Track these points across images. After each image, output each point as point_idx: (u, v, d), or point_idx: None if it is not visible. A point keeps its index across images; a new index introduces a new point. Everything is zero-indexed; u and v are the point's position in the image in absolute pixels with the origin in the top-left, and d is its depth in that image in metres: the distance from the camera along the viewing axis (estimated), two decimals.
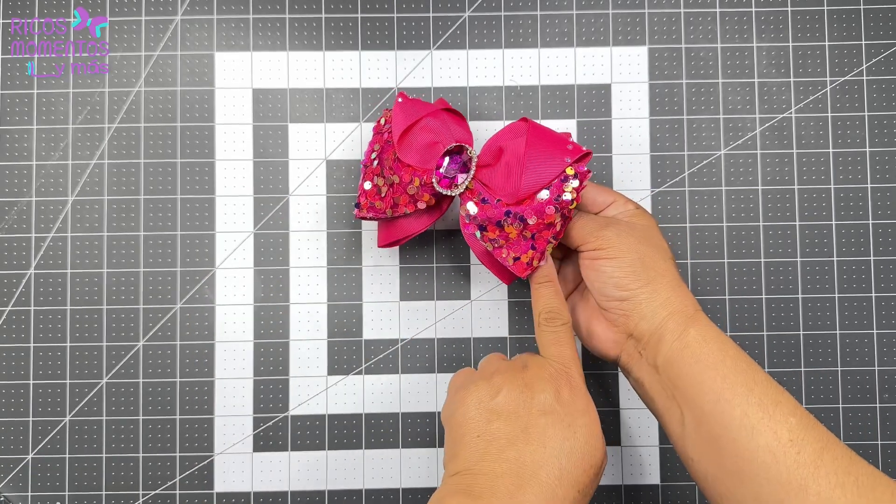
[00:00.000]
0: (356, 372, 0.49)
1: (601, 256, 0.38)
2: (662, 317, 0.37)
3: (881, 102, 0.49)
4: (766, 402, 0.34)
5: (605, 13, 0.50)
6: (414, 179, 0.41)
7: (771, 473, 0.32)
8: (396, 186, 0.42)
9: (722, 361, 0.35)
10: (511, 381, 0.36)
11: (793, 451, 0.32)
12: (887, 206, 0.49)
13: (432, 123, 0.42)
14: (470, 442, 0.35)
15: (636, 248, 0.38)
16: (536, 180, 0.39)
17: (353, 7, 0.50)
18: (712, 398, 0.35)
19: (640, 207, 0.42)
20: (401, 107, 0.43)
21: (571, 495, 0.33)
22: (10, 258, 0.48)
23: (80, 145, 0.49)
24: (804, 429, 0.33)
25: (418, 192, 0.41)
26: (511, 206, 0.39)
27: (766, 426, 0.33)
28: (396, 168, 0.41)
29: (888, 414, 0.48)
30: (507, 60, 0.49)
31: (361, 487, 0.48)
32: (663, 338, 0.37)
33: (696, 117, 0.49)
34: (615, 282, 0.38)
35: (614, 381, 0.49)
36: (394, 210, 0.42)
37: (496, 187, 0.40)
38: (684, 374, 0.36)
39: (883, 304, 0.48)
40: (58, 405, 0.48)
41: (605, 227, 0.39)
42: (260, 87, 0.49)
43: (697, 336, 0.36)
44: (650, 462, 0.48)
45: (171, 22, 0.49)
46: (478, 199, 0.40)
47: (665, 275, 0.38)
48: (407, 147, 0.42)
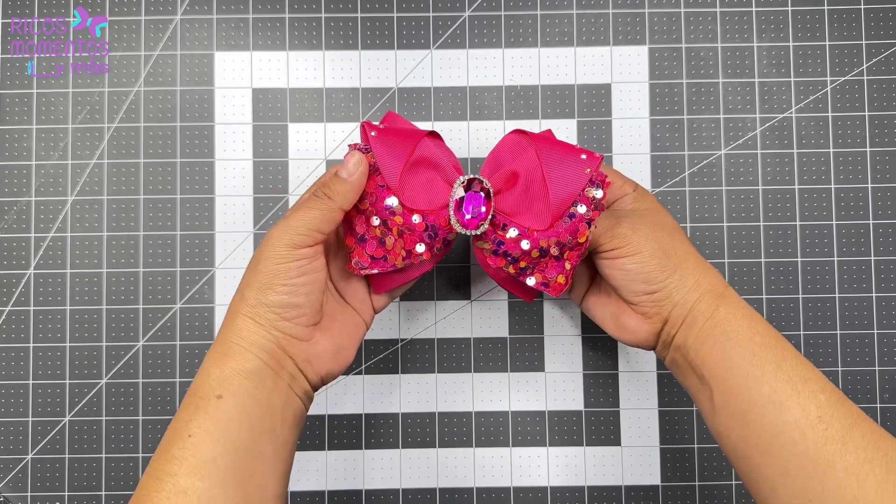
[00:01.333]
0: (356, 372, 0.49)
1: (622, 255, 0.37)
2: (694, 299, 0.37)
3: (881, 102, 0.49)
4: (794, 378, 0.34)
5: (605, 13, 0.50)
6: (430, 227, 0.36)
7: (798, 449, 0.32)
8: (408, 236, 0.37)
9: (751, 338, 0.35)
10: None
11: (821, 427, 0.32)
12: (888, 206, 0.49)
13: (424, 154, 0.37)
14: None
15: (654, 238, 0.37)
16: (564, 199, 0.36)
17: (353, 7, 0.50)
18: (741, 374, 0.35)
19: (638, 188, 0.41)
20: (380, 142, 0.37)
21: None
22: (9, 258, 0.48)
23: (79, 145, 0.49)
24: (833, 405, 0.33)
25: (436, 240, 0.37)
26: (544, 231, 0.36)
27: (795, 402, 0.33)
28: (406, 218, 0.36)
29: (888, 414, 0.48)
30: (507, 60, 0.49)
31: (361, 488, 0.48)
32: (696, 319, 0.37)
33: (697, 117, 0.49)
34: (643, 277, 0.37)
35: (614, 381, 0.49)
36: (406, 260, 0.37)
37: (519, 214, 0.37)
38: (715, 352, 0.36)
39: (883, 304, 0.48)
40: (57, 405, 0.48)
41: (616, 224, 0.38)
42: (260, 87, 0.49)
43: (727, 314, 0.36)
44: (650, 462, 0.48)
45: (170, 22, 0.49)
46: (505, 233, 0.37)
47: (688, 258, 0.38)
48: (408, 191, 0.37)
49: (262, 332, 0.35)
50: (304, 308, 0.35)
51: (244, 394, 0.33)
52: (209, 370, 0.34)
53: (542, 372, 0.49)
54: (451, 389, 0.49)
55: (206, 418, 0.33)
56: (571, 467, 0.48)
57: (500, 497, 0.48)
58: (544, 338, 0.49)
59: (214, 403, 0.33)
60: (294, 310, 0.35)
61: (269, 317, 0.35)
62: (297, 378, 0.36)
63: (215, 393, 0.33)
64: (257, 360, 0.34)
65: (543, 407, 0.49)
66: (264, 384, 0.34)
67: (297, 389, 0.36)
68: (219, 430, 0.32)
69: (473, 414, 0.49)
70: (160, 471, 0.32)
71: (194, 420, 0.33)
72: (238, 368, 0.34)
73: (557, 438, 0.48)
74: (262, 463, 0.33)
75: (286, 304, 0.35)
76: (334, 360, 0.38)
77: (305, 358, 0.36)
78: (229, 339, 0.35)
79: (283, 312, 0.35)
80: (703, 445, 0.48)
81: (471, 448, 0.48)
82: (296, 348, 0.36)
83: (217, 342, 0.35)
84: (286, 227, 0.35)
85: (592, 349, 0.49)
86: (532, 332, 0.49)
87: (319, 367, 0.37)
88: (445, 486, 0.48)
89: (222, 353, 0.34)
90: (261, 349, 0.34)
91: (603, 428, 0.48)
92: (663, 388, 0.49)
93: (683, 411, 0.48)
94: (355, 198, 0.36)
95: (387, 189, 0.36)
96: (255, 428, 0.33)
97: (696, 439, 0.48)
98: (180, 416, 0.33)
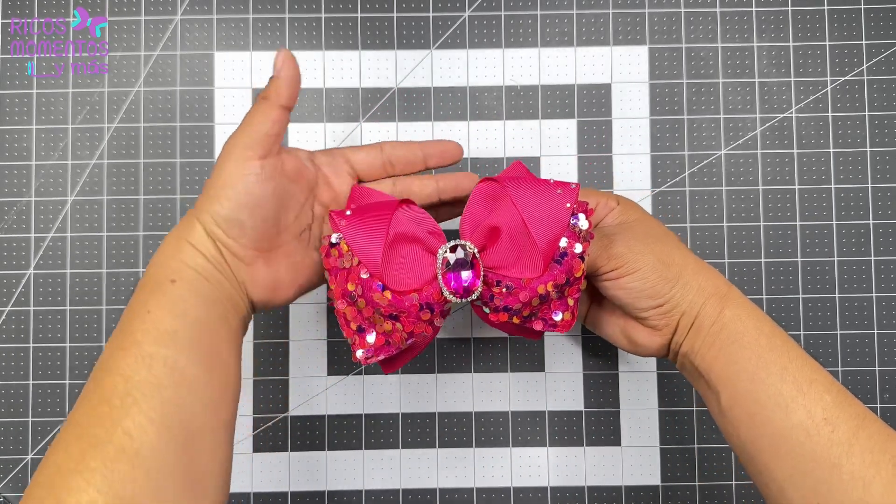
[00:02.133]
0: (356, 372, 0.49)
1: (622, 275, 0.37)
2: (700, 304, 0.37)
3: (881, 102, 0.49)
4: (800, 380, 0.34)
5: (605, 13, 0.50)
6: (423, 304, 0.35)
7: (805, 451, 0.32)
8: (405, 319, 0.36)
9: (756, 340, 0.35)
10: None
11: (827, 429, 0.32)
12: (888, 206, 0.49)
13: (399, 230, 0.36)
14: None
15: (649, 250, 0.37)
16: (551, 241, 0.35)
17: (353, 7, 0.50)
18: (746, 377, 0.35)
19: (622, 200, 0.41)
20: (351, 229, 0.36)
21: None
22: (9, 258, 0.48)
23: (79, 145, 0.49)
24: (839, 407, 0.33)
25: (434, 314, 0.36)
26: (539, 278, 0.35)
27: (800, 404, 0.33)
28: (397, 302, 0.35)
29: (889, 414, 0.48)
30: (507, 60, 0.49)
31: (361, 488, 0.48)
32: (702, 324, 0.36)
33: (697, 117, 0.49)
34: (647, 293, 0.37)
35: (614, 381, 0.49)
36: (409, 340, 0.36)
37: (509, 267, 0.36)
38: (721, 356, 0.36)
39: (883, 304, 0.48)
40: (57, 405, 0.48)
41: (610, 244, 0.38)
42: (260, 87, 0.49)
43: (733, 316, 0.36)
44: (650, 462, 0.48)
45: (170, 22, 0.49)
46: (501, 290, 0.36)
47: (687, 263, 0.38)
48: (393, 273, 0.36)
49: (208, 241, 0.35)
50: (246, 228, 0.35)
51: (196, 279, 0.34)
52: (162, 260, 0.34)
53: (542, 372, 0.49)
54: (451, 389, 0.49)
55: (163, 296, 0.33)
56: (571, 467, 0.48)
57: (500, 497, 0.48)
58: (544, 338, 0.49)
59: (169, 286, 0.33)
60: (237, 228, 0.35)
61: (213, 229, 0.35)
62: (239, 291, 0.36)
63: (170, 278, 0.34)
64: (205, 259, 0.35)
65: (543, 407, 0.49)
66: (213, 278, 0.34)
67: (239, 300, 0.36)
68: (176, 307, 0.33)
69: (473, 414, 0.49)
70: (124, 341, 0.32)
71: (151, 299, 0.33)
72: (190, 261, 0.34)
73: (557, 438, 0.48)
74: (220, 341, 0.34)
75: (230, 218, 0.35)
76: (267, 291, 0.37)
77: (241, 278, 0.36)
78: (183, 236, 0.35)
79: (227, 228, 0.35)
80: (703, 445, 0.48)
81: (471, 448, 0.48)
82: (235, 265, 0.36)
83: (172, 236, 0.35)
84: (234, 137, 0.35)
85: (592, 349, 0.49)
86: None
87: (252, 292, 0.36)
88: (445, 486, 0.48)
89: (175, 247, 0.35)
90: (208, 251, 0.35)
91: (603, 428, 0.48)
92: (663, 388, 0.49)
93: (683, 411, 0.48)
94: (291, 92, 0.36)
95: (371, 277, 0.35)
96: (210, 310, 0.34)
97: (696, 439, 0.48)
98: (136, 298, 0.34)
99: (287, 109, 0.36)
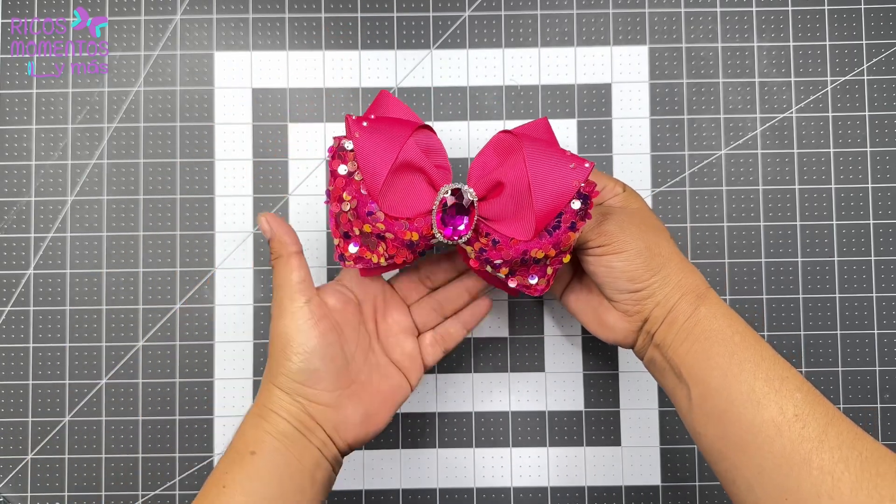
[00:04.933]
0: None
1: (607, 252, 0.37)
2: (675, 299, 0.37)
3: (882, 102, 0.49)
4: (772, 377, 0.34)
5: (605, 13, 0.49)
6: (412, 234, 0.36)
7: (775, 447, 0.32)
8: (390, 242, 0.36)
9: (730, 338, 0.35)
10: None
11: (797, 425, 0.32)
12: (888, 206, 0.49)
13: (408, 157, 0.36)
14: None
15: (640, 236, 0.37)
16: (549, 212, 0.35)
17: (353, 7, 0.49)
18: (719, 374, 0.35)
19: (627, 188, 0.41)
20: (364, 143, 0.35)
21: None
22: (9, 258, 0.48)
23: (79, 145, 0.49)
24: (810, 404, 0.33)
25: (418, 244, 0.37)
26: (527, 243, 0.36)
27: (772, 401, 0.33)
28: (389, 225, 0.36)
29: (889, 414, 0.48)
30: (507, 60, 0.49)
31: (361, 488, 0.48)
32: (676, 318, 0.37)
33: (697, 117, 0.49)
34: (628, 276, 0.37)
35: (614, 381, 0.49)
36: (389, 260, 0.37)
37: (503, 222, 0.36)
38: (693, 351, 0.36)
39: (883, 304, 0.48)
40: (57, 405, 0.48)
41: (603, 221, 0.38)
42: (259, 87, 0.49)
43: (707, 313, 0.36)
44: (650, 462, 0.48)
45: (170, 22, 0.49)
46: (488, 242, 0.36)
47: (672, 258, 0.38)
48: (391, 197, 0.36)
49: (290, 400, 0.36)
50: (321, 373, 0.37)
51: (276, 452, 0.35)
52: (245, 430, 0.36)
53: (542, 372, 0.49)
54: (451, 389, 0.49)
55: (240, 471, 0.35)
56: (571, 467, 0.48)
57: (500, 497, 0.48)
58: (544, 338, 0.49)
59: (248, 459, 0.35)
60: (313, 375, 0.36)
61: (292, 385, 0.36)
62: (327, 444, 0.37)
63: (249, 449, 0.35)
64: (287, 424, 0.36)
65: (543, 407, 0.49)
66: (295, 445, 0.36)
67: (327, 454, 0.37)
68: (251, 484, 0.34)
69: (473, 414, 0.49)
70: None
71: (230, 473, 0.35)
72: (271, 429, 0.36)
73: (557, 438, 0.48)
74: None
75: (302, 370, 0.36)
76: (361, 427, 0.38)
77: (333, 424, 0.37)
78: (263, 403, 0.37)
79: (303, 379, 0.36)
80: None
81: (471, 448, 0.48)
82: (322, 415, 0.37)
83: (255, 405, 0.37)
84: (274, 301, 0.38)
85: (592, 349, 0.49)
86: (532, 332, 0.49)
87: (345, 433, 0.38)
88: (445, 487, 0.48)
89: (257, 414, 0.37)
90: (290, 415, 0.36)
91: (603, 428, 0.48)
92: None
93: None
94: (292, 239, 0.39)
95: (368, 195, 0.35)
96: (285, 485, 0.35)
97: None
98: (218, 468, 0.35)
99: (300, 253, 0.39)
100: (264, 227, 0.39)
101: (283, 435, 0.36)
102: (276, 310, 0.37)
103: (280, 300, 0.37)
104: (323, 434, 0.37)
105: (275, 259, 0.39)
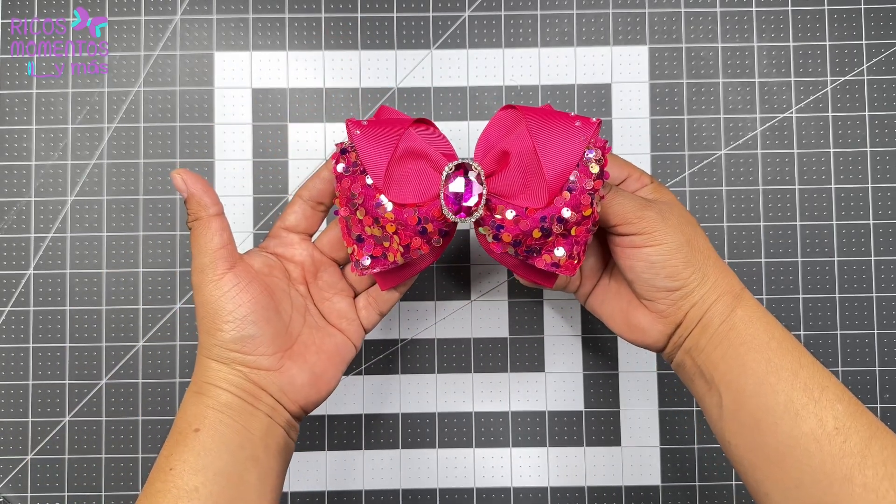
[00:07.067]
0: (356, 372, 0.49)
1: (646, 243, 0.35)
2: (711, 301, 0.35)
3: (882, 102, 0.49)
4: (811, 386, 0.32)
5: (605, 13, 0.49)
6: (422, 219, 0.35)
7: (814, 462, 0.31)
8: (402, 232, 0.35)
9: (767, 343, 0.34)
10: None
11: (838, 439, 0.31)
12: (888, 206, 0.49)
13: (409, 145, 0.35)
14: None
15: (681, 229, 0.35)
16: (560, 173, 0.33)
17: (353, 7, 0.50)
18: (755, 381, 0.33)
19: (655, 181, 0.39)
20: (364, 139, 0.35)
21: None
22: (9, 258, 0.48)
23: (79, 145, 0.49)
24: (851, 416, 0.32)
25: (431, 231, 0.35)
26: (542, 209, 0.34)
27: (811, 412, 0.32)
28: (397, 213, 0.35)
29: (889, 414, 0.48)
30: (507, 60, 0.49)
31: (361, 488, 0.48)
32: (711, 321, 0.35)
33: (697, 117, 0.49)
34: (668, 272, 0.35)
35: (614, 381, 0.49)
36: (405, 256, 0.36)
37: (515, 195, 0.35)
38: (728, 356, 0.34)
39: (883, 304, 0.48)
40: (57, 406, 0.48)
41: (645, 206, 0.35)
42: (259, 87, 0.49)
43: (744, 316, 0.34)
44: (650, 462, 0.48)
45: (170, 22, 0.49)
46: (505, 216, 0.35)
47: (709, 255, 0.36)
48: (396, 185, 0.35)
49: (228, 370, 0.35)
50: (258, 338, 0.35)
51: (221, 425, 0.34)
52: (186, 407, 0.34)
53: (542, 372, 0.49)
54: (451, 389, 0.49)
55: (186, 450, 0.33)
56: (571, 467, 0.48)
57: (500, 497, 0.48)
58: (544, 338, 0.49)
59: (192, 436, 0.33)
60: (249, 342, 0.35)
61: (228, 355, 0.35)
62: (276, 408, 0.36)
63: (192, 427, 0.33)
64: (229, 394, 0.34)
65: (543, 407, 0.49)
66: (240, 415, 0.34)
67: (278, 419, 0.36)
68: (199, 461, 0.33)
69: (473, 414, 0.49)
70: (150, 501, 0.32)
71: (175, 454, 0.33)
72: (212, 403, 0.34)
73: (557, 438, 0.48)
74: (247, 490, 0.34)
75: (237, 338, 0.34)
76: (312, 388, 0.37)
77: (279, 388, 0.36)
78: (201, 379, 0.35)
79: (239, 347, 0.35)
80: (703, 446, 0.48)
81: (471, 448, 0.48)
82: (266, 380, 0.35)
83: (192, 382, 0.35)
84: (194, 268, 0.35)
85: (592, 349, 0.49)
86: (532, 333, 0.49)
87: (294, 396, 0.36)
88: (445, 487, 0.48)
89: (196, 392, 0.35)
90: (231, 385, 0.34)
91: (603, 428, 0.48)
92: (663, 388, 0.49)
93: (683, 412, 0.48)
94: (211, 199, 0.36)
95: (374, 187, 0.35)
96: (236, 456, 0.33)
97: (696, 439, 0.48)
98: (162, 453, 0.34)
99: (221, 215, 0.36)
100: (179, 184, 0.35)
101: (226, 406, 0.34)
102: (198, 277, 0.35)
103: (202, 267, 0.35)
104: (270, 399, 0.35)
105: (192, 221, 0.35)
